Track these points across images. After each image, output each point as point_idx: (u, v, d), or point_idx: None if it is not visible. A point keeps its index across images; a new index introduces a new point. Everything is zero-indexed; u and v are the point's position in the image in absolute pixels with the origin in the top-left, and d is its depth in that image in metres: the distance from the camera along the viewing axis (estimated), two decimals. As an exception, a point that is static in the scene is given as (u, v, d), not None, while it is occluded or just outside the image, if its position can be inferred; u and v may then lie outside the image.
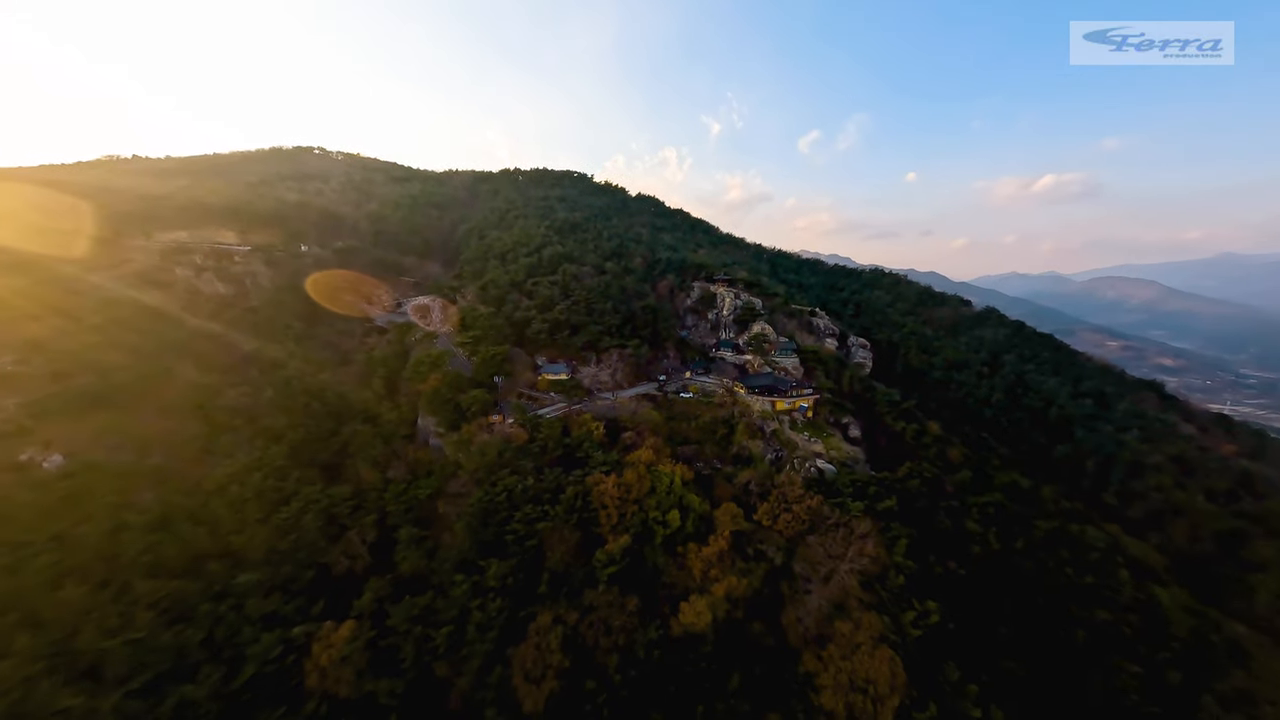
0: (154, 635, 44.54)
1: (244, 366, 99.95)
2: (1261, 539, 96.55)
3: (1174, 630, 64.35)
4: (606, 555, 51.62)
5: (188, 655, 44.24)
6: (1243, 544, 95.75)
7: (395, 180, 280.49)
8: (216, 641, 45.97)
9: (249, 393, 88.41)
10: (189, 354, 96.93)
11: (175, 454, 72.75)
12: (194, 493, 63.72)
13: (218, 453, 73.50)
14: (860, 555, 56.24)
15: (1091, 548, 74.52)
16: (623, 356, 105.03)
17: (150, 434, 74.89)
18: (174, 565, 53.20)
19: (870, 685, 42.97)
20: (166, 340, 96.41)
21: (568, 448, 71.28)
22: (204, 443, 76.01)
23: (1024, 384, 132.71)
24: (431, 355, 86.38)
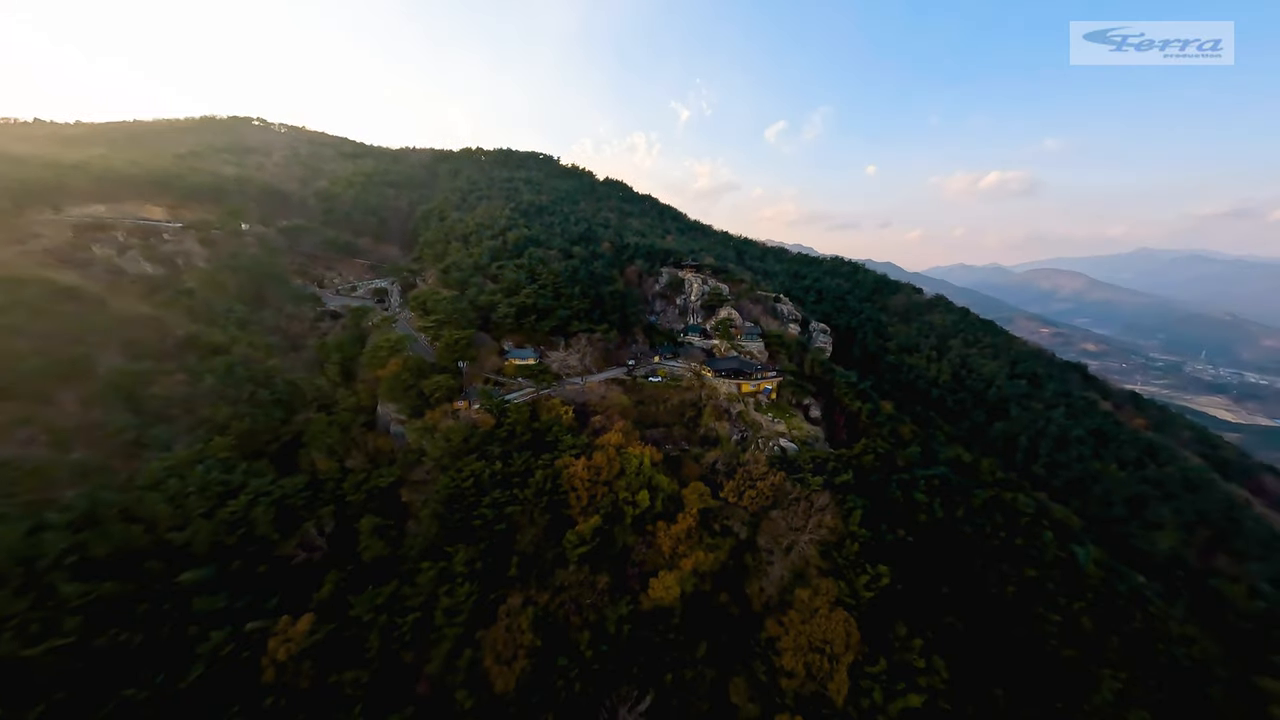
0: (84, 640, 41.36)
1: (179, 353, 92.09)
2: (1159, 501, 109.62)
3: (1088, 583, 72.34)
4: (577, 536, 52.13)
5: (125, 659, 41.42)
6: (1145, 506, 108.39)
7: (346, 156, 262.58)
8: (159, 642, 43.24)
9: (186, 381, 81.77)
10: (113, 339, 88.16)
11: (101, 448, 66.60)
12: (125, 488, 58.73)
13: (151, 445, 67.87)
14: (819, 526, 59.60)
15: (1022, 513, 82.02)
16: (591, 341, 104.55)
17: (70, 427, 68.07)
18: (105, 566, 49.23)
19: (827, 645, 46.11)
20: (86, 324, 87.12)
21: (536, 432, 70.72)
22: (135, 435, 69.94)
23: (967, 366, 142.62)
24: (390, 340, 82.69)
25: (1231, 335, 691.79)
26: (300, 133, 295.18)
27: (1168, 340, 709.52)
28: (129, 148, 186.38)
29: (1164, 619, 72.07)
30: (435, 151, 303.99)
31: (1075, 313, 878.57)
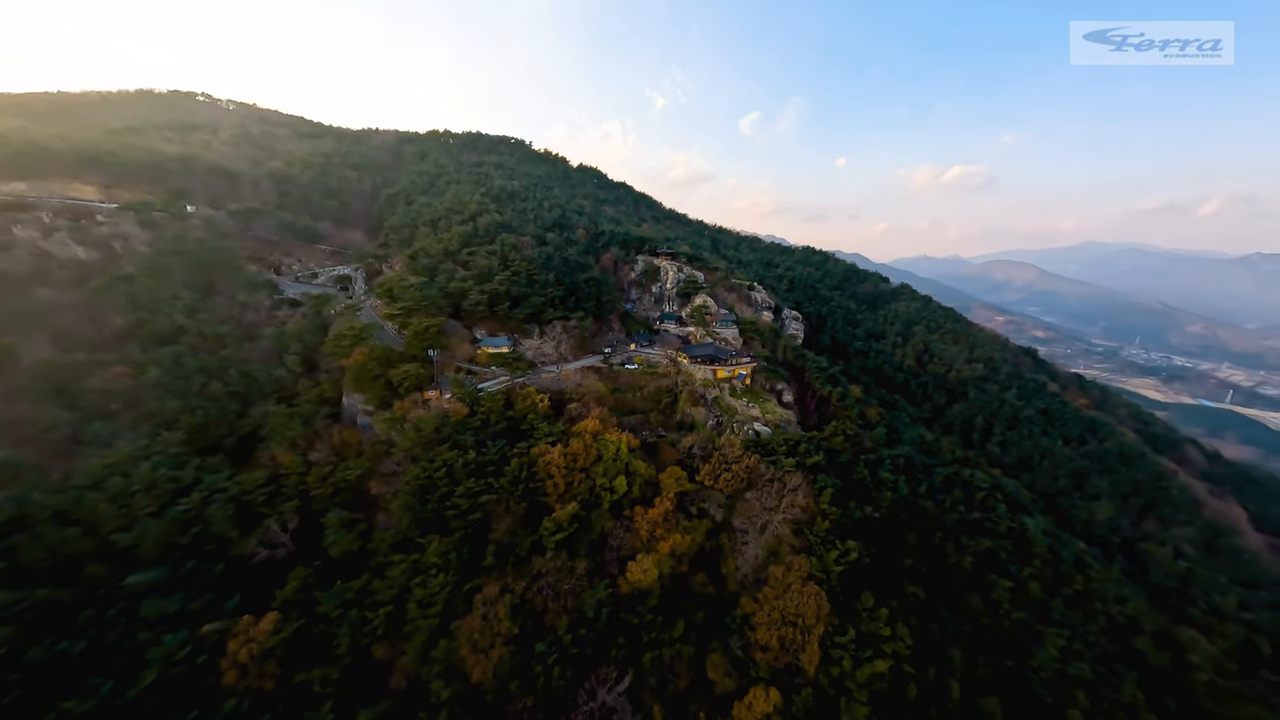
0: (16, 652, 38.31)
1: (119, 343, 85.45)
2: (1099, 474, 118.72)
3: (1036, 550, 77.76)
4: (554, 523, 51.80)
5: (66, 670, 38.66)
6: (1086, 479, 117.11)
7: (302, 136, 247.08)
8: (104, 650, 40.55)
9: (128, 373, 76.05)
10: (41, 329, 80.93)
11: (31, 445, 61.35)
12: (61, 489, 54.41)
13: (90, 442, 63.04)
14: (792, 506, 61.39)
15: (978, 488, 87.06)
16: (567, 329, 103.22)
17: (-7, 424, 62.42)
18: (40, 571, 45.63)
19: (799, 618, 47.78)
20: (7, 313, 79.56)
21: (511, 421, 69.51)
22: (70, 431, 64.74)
23: (930, 352, 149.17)
24: (355, 328, 79.02)
25: (1162, 322, 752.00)
26: (251, 110, 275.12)
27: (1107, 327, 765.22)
28: (53, 120, 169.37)
29: (1101, 581, 78.41)
30: (400, 133, 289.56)
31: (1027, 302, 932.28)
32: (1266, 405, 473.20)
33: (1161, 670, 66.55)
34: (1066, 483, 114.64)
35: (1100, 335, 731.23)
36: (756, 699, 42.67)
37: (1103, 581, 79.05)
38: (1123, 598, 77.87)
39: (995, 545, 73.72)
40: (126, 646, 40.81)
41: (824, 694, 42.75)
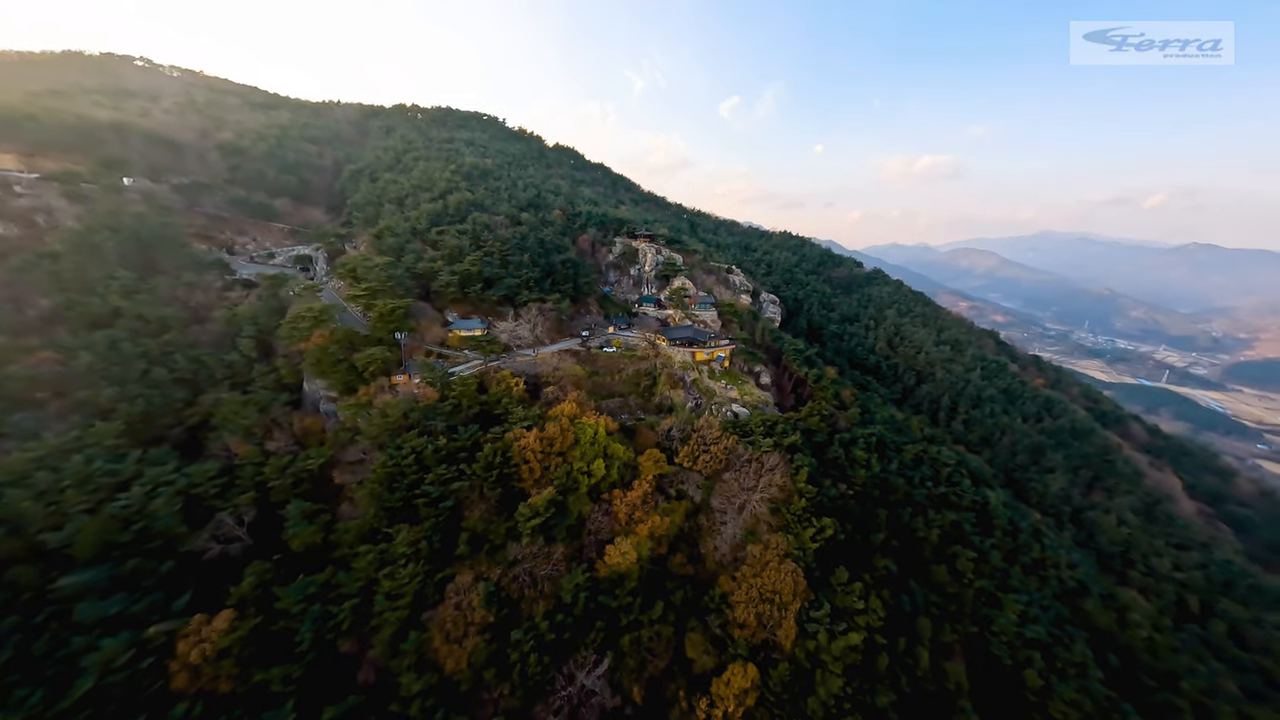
0: (-72, 664, 34.59)
1: (44, 326, 77.77)
2: (1053, 449, 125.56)
3: (997, 522, 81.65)
4: (530, 509, 50.36)
5: (-10, 680, 35.21)
6: (1042, 453, 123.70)
7: (255, 107, 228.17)
8: (33, 659, 37.12)
9: (55, 359, 69.29)
10: (-54, 312, 72.65)
11: (-61, 440, 55.27)
12: (-24, 486, 49.26)
13: (12, 434, 57.29)
14: (769, 486, 61.86)
15: (944, 464, 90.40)
16: (543, 311, 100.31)
17: (-108, 417, 55.75)
18: (-46, 577, 41.27)
19: (776, 595, 48.31)
20: (-97, 293, 70.85)
21: (485, 405, 67.08)
22: (-13, 424, 58.65)
23: (901, 335, 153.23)
24: (314, 310, 74.05)
25: (1108, 308, 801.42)
26: (197, 78, 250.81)
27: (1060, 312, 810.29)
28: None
29: (1055, 549, 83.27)
30: (364, 107, 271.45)
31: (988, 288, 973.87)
32: (1196, 384, 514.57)
33: (1107, 630, 71.49)
34: (1024, 457, 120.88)
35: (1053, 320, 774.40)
36: (735, 675, 43.05)
37: (1056, 549, 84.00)
38: (1074, 564, 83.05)
39: (960, 518, 76.85)
40: (59, 654, 37.48)
41: (800, 668, 43.51)
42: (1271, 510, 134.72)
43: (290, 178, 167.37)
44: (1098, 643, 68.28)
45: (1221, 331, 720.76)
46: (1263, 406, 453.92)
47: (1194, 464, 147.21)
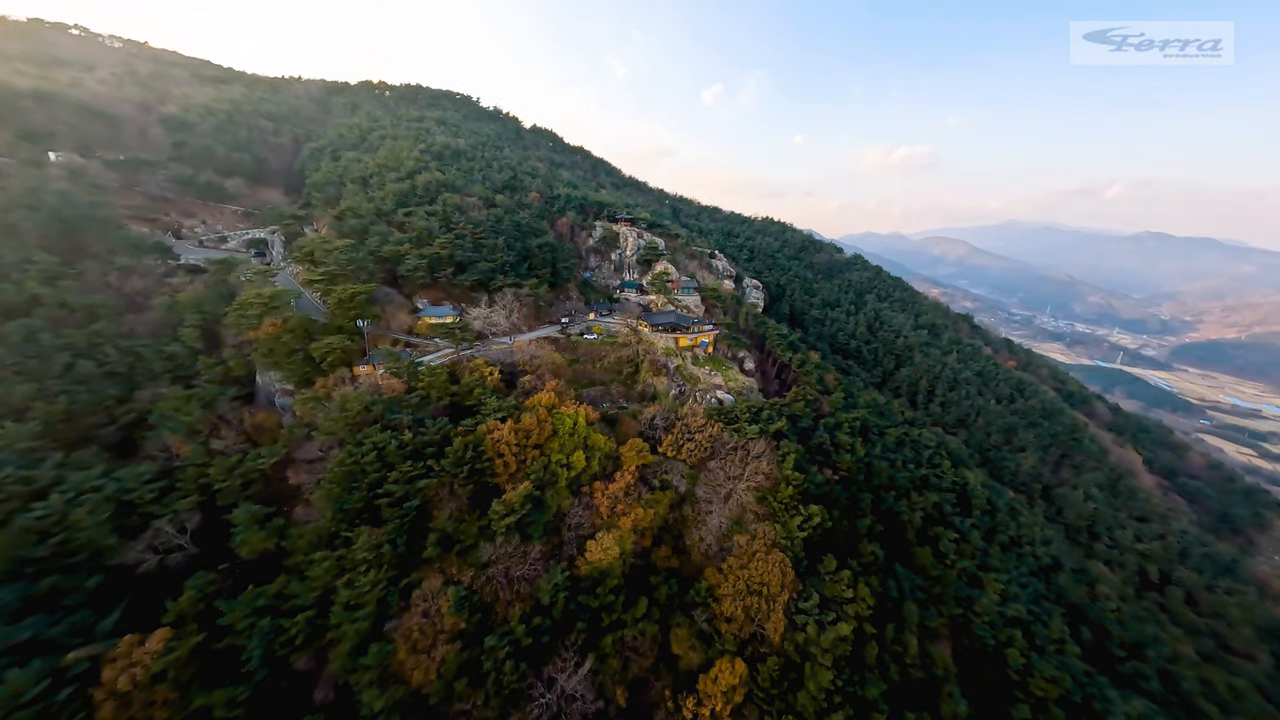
0: None
1: (-54, 318, 68.97)
2: (1025, 428, 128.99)
3: (975, 502, 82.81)
4: (504, 505, 47.11)
5: None
6: (1015, 433, 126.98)
7: (205, 80, 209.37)
8: (-76, 695, 32.20)
9: (-42, 354, 61.45)
10: None
11: None
12: None
13: (-96, 440, 50.31)
14: (756, 474, 60.17)
15: (925, 446, 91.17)
16: (519, 297, 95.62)
17: None
18: None
19: (764, 586, 46.75)
20: None
21: (456, 396, 62.91)
22: (-126, 428, 51.37)
23: (880, 320, 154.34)
24: (264, 295, 67.79)
25: (1069, 293, 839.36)
26: (141, 49, 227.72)
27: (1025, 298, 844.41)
28: None
29: (1030, 527, 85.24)
30: (327, 83, 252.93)
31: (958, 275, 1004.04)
32: (1147, 365, 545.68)
33: (1079, 603, 73.56)
34: (998, 437, 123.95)
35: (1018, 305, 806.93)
36: (722, 672, 41.41)
37: (1031, 527, 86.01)
38: (1047, 540, 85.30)
39: (941, 499, 77.44)
40: (-45, 689, 32.63)
41: (789, 661, 42.17)
42: (1221, 482, 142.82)
43: (244, 156, 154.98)
44: (1071, 616, 70.19)
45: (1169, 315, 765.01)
46: (1205, 385, 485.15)
47: (1151, 440, 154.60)
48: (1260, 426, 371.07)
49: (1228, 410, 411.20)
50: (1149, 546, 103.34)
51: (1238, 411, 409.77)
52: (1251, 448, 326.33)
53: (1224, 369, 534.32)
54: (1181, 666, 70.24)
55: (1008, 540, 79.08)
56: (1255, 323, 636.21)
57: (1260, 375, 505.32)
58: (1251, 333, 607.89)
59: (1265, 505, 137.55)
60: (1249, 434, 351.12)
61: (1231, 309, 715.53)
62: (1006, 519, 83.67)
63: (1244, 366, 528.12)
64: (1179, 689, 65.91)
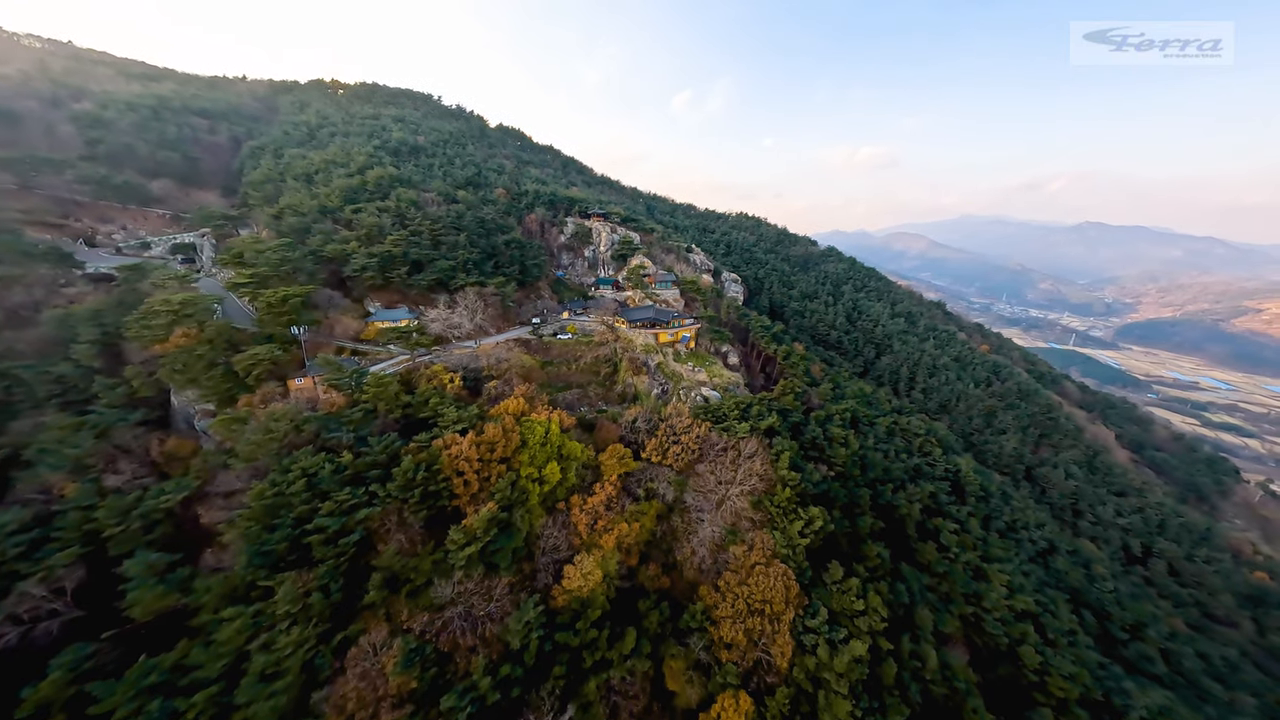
0: None
1: None
2: (1004, 410, 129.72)
3: (969, 489, 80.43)
4: (464, 532, 40.11)
5: None
6: (994, 416, 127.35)
7: (132, 78, 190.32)
8: None
9: None
10: None
11: None
12: None
13: None
14: (749, 475, 54.97)
15: (915, 434, 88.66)
16: (484, 296, 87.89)
17: None
18: None
19: (766, 605, 41.44)
20: None
21: (409, 408, 55.21)
22: None
23: (858, 309, 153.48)
24: (174, 302, 58.01)
25: (1021, 281, 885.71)
26: (63, 47, 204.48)
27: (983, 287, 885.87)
28: None
29: (1023, 510, 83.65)
30: (274, 83, 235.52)
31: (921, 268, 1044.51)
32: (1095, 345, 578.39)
33: (1078, 587, 71.80)
34: (979, 421, 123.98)
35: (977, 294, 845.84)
36: (726, 709, 35.84)
37: (1023, 510, 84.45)
38: (1040, 523, 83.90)
39: (936, 489, 74.54)
40: None
41: (801, 691, 36.88)
42: (1184, 453, 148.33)
43: (172, 155, 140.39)
44: (1073, 600, 68.17)
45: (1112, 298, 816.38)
46: (1149, 361, 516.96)
47: (1118, 415, 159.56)
48: (1200, 398, 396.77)
49: (1170, 384, 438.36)
50: (1129, 521, 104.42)
51: (1179, 385, 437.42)
52: (1195, 417, 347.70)
53: (1163, 346, 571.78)
54: (1179, 644, 69.31)
55: (1004, 526, 76.96)
56: (1187, 302, 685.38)
57: (1195, 350, 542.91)
58: (1184, 311, 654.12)
59: (1225, 473, 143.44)
60: (1191, 405, 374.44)
61: (1166, 290, 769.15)
62: (1000, 504, 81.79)
63: (1181, 343, 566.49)
64: (1181, 668, 64.64)
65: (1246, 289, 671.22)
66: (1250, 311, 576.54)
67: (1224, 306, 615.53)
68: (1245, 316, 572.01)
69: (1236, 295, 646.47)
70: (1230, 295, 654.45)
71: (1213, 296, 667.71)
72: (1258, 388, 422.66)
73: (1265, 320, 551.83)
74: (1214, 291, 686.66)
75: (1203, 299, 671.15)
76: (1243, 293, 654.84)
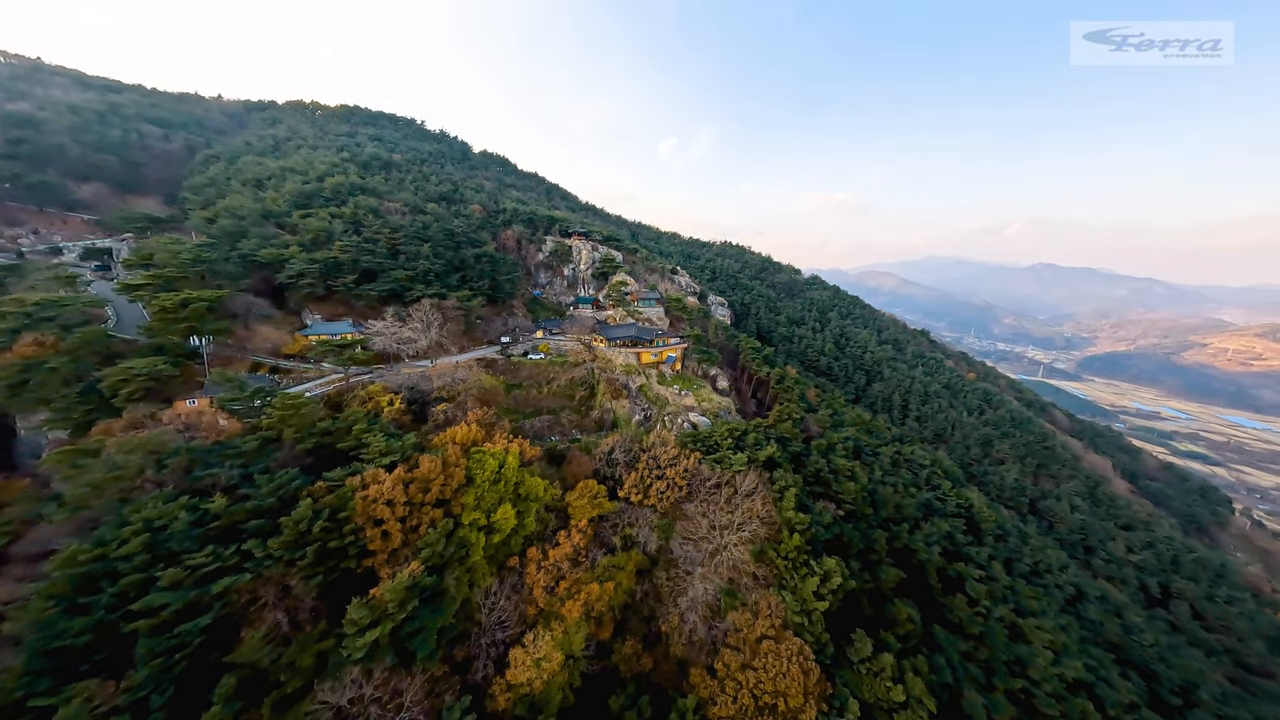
0: None
1: None
2: (1000, 439, 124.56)
3: (985, 526, 72.30)
4: (370, 608, 28.80)
5: None
6: (991, 445, 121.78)
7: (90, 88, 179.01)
8: None
9: None
10: None
11: None
12: None
13: None
14: (749, 517, 45.30)
15: (921, 465, 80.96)
16: (445, 311, 78.04)
17: None
18: None
19: (780, 699, 30.98)
20: None
21: (329, 436, 43.92)
22: None
23: (846, 336, 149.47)
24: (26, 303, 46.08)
25: (987, 317, 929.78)
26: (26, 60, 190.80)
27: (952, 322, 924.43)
28: None
29: (1043, 550, 75.61)
30: (249, 102, 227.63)
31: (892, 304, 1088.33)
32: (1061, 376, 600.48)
33: (1118, 642, 63.04)
34: (977, 450, 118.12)
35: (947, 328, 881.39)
36: None
37: (1043, 550, 76.45)
38: (1064, 564, 75.89)
39: (951, 527, 66.17)
40: None
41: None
42: (1176, 482, 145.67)
43: (110, 158, 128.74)
44: (1116, 658, 59.19)
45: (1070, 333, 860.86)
46: (1111, 392, 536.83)
47: (1107, 444, 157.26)
48: (1164, 426, 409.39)
49: (1134, 414, 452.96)
50: (1142, 557, 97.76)
51: (1142, 414, 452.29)
52: (1163, 446, 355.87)
53: (1122, 377, 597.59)
54: (1233, 706, 60.52)
55: (1028, 570, 68.50)
56: (1138, 336, 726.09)
57: (1151, 381, 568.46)
58: (1137, 345, 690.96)
59: (1219, 503, 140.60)
60: (1158, 434, 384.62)
61: (1118, 326, 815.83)
62: (1018, 543, 73.68)
63: (1138, 374, 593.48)
64: (1245, 740, 55.59)
65: (1190, 325, 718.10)
66: (1196, 346, 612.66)
67: (1172, 341, 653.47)
68: (1192, 350, 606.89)
69: (1182, 331, 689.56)
70: (1176, 330, 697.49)
71: (1160, 331, 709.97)
72: (1214, 417, 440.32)
73: (1210, 354, 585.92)
74: (1161, 327, 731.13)
75: (1151, 334, 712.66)
76: (1187, 328, 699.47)
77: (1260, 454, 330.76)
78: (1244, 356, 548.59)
